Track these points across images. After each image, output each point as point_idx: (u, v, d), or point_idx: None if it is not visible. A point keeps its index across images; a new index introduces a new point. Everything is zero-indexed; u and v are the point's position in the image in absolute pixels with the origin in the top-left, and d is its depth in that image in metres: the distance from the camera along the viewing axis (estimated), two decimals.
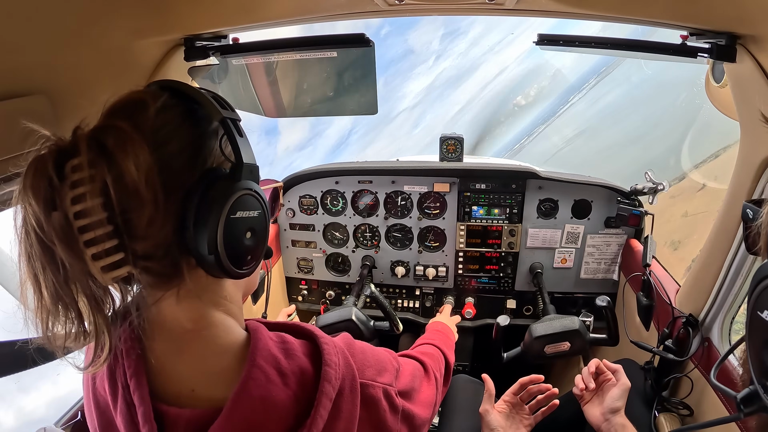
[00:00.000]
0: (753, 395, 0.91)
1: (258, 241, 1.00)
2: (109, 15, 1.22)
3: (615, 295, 3.07)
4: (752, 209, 1.08)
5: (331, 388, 0.96)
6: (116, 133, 0.80)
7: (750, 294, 0.89)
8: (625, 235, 3.00)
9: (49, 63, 1.21)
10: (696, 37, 1.63)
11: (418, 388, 1.35)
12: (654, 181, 2.70)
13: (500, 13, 1.89)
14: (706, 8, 1.45)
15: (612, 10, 1.63)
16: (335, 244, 3.35)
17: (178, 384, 0.95)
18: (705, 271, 2.04)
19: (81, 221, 0.77)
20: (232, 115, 0.96)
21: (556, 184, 2.98)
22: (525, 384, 1.97)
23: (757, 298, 0.86)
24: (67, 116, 0.82)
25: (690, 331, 2.10)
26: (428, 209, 3.18)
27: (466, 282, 3.29)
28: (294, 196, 3.24)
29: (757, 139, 1.70)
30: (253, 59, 2.18)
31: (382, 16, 1.88)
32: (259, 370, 0.92)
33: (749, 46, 1.52)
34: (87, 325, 0.85)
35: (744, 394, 0.93)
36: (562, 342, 2.31)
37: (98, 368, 0.90)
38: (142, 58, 1.60)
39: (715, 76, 1.87)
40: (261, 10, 1.70)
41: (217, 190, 0.90)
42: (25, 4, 0.99)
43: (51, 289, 0.80)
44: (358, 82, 2.34)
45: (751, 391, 0.91)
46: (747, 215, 1.10)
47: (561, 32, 1.86)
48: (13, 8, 0.97)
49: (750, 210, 1.09)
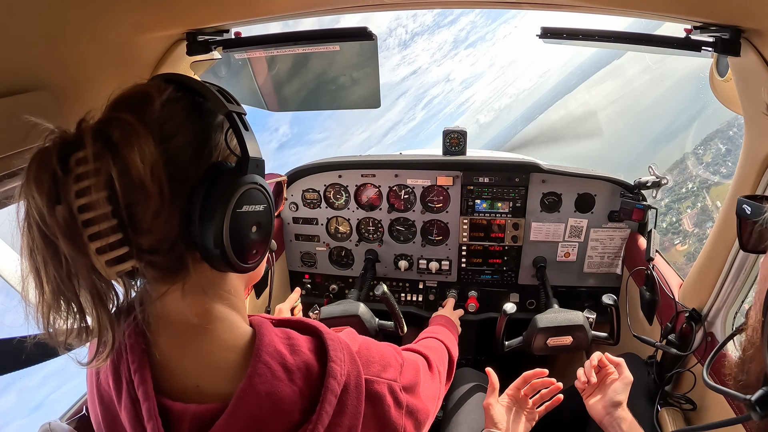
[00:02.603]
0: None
1: (263, 236, 1.00)
2: (112, 9, 1.22)
3: (618, 290, 3.07)
4: (751, 205, 1.02)
5: (336, 384, 0.97)
6: (122, 126, 0.80)
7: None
8: (628, 229, 3.00)
9: (52, 58, 1.21)
10: (700, 30, 1.61)
11: (422, 383, 1.34)
12: (657, 176, 2.69)
13: (502, 6, 1.88)
14: (711, 2, 1.44)
15: (616, 3, 1.62)
16: (338, 238, 3.35)
17: (183, 379, 0.94)
18: (708, 265, 2.04)
19: (85, 215, 0.76)
20: (237, 109, 0.96)
21: (560, 177, 2.98)
22: (529, 378, 1.97)
23: None
24: (71, 112, 0.82)
25: (693, 325, 2.10)
26: (431, 203, 3.18)
27: (470, 276, 3.29)
28: (297, 190, 3.24)
29: (761, 133, 1.69)
30: (255, 53, 2.18)
31: (384, 9, 1.87)
32: (265, 365, 0.92)
33: (753, 40, 1.51)
34: (90, 321, 0.84)
35: (759, 396, 0.85)
36: (565, 336, 2.31)
37: (101, 363, 0.89)
38: (145, 53, 1.60)
39: (719, 70, 1.86)
40: (263, 5, 1.69)
41: (223, 183, 0.89)
42: (27, 0, 0.99)
43: (53, 284, 0.79)
44: (360, 76, 2.34)
45: (765, 392, 0.84)
46: (744, 211, 1.04)
47: (564, 25, 1.86)
48: (15, 4, 0.97)
49: (747, 206, 1.03)
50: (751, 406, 0.86)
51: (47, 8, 1.05)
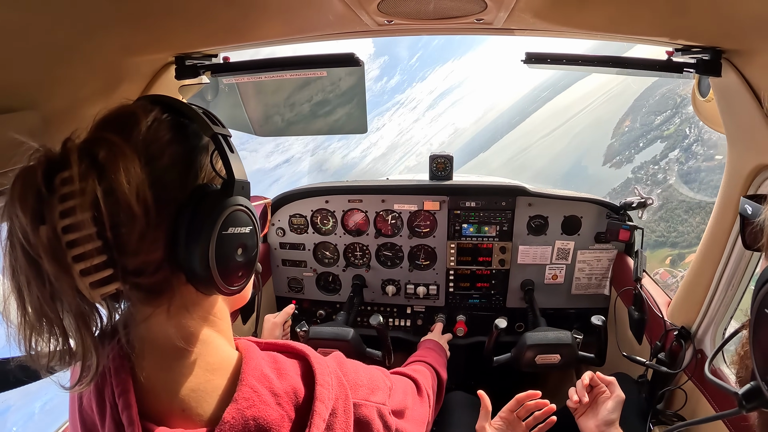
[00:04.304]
0: (755, 390, 0.92)
1: (249, 258, 1.00)
2: (101, 31, 1.22)
3: (606, 310, 3.08)
4: (751, 205, 1.10)
5: (324, 408, 0.95)
6: (108, 146, 0.80)
7: (757, 291, 0.88)
8: (615, 249, 3.02)
9: (40, 78, 1.20)
10: (681, 53, 1.66)
11: (411, 407, 1.34)
12: (643, 196, 2.73)
13: (488, 33, 1.91)
14: (692, 24, 1.48)
15: (599, 28, 1.66)
16: (325, 264, 3.33)
17: (168, 403, 0.92)
18: (696, 283, 2.06)
19: (70, 236, 0.75)
20: (223, 131, 0.96)
21: (546, 200, 3.00)
22: (522, 400, 1.95)
23: (766, 294, 0.86)
24: (58, 132, 0.81)
25: (683, 343, 2.12)
26: (418, 228, 3.18)
27: (458, 300, 3.28)
28: (284, 215, 3.23)
29: (743, 151, 1.73)
30: (243, 78, 2.19)
31: (371, 36, 1.90)
32: (251, 389, 0.90)
33: (734, 60, 1.56)
34: (72, 344, 0.82)
35: (746, 390, 0.94)
36: (553, 354, 2.32)
37: (85, 387, 0.87)
38: (134, 76, 1.60)
39: (701, 90, 1.91)
40: (252, 31, 1.70)
41: (209, 205, 0.89)
42: (17, 20, 0.99)
43: (35, 305, 0.78)
44: (347, 102, 2.36)
45: (753, 387, 0.92)
46: (746, 210, 1.12)
47: (548, 50, 1.89)
48: (5, 24, 0.97)
49: (749, 206, 1.11)
50: (739, 399, 0.94)
51: (36, 28, 1.04)
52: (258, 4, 1.45)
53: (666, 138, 78.13)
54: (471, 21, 1.65)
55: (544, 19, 1.58)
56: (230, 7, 1.39)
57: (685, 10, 1.37)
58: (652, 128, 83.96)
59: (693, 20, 1.44)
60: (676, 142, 74.93)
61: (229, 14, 1.46)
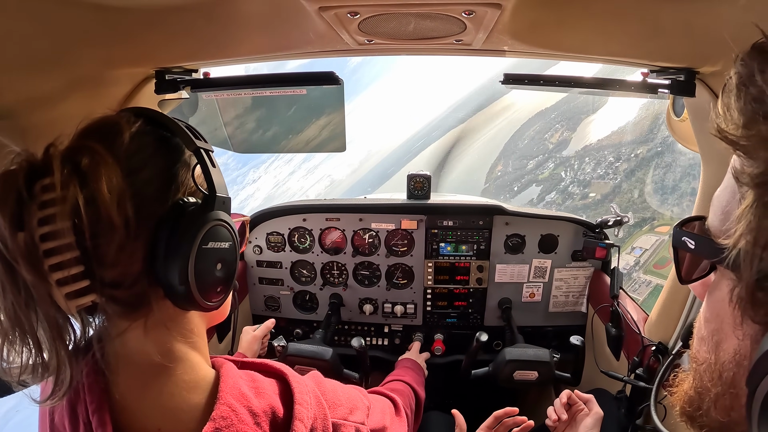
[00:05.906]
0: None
1: (228, 273, 0.99)
2: (82, 43, 1.21)
3: (584, 327, 3.11)
4: (692, 238, 0.76)
5: (303, 427, 0.94)
6: (90, 154, 0.79)
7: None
8: (592, 267, 3.06)
9: (20, 89, 1.19)
10: (656, 74, 1.71)
11: (390, 426, 1.33)
12: (619, 214, 2.78)
13: (467, 53, 1.94)
14: (666, 46, 1.52)
15: (575, 49, 1.70)
16: (303, 282, 3.31)
17: (144, 421, 0.89)
18: (672, 299, 2.09)
19: (48, 243, 0.74)
20: (205, 146, 0.96)
21: (523, 219, 3.03)
22: (500, 417, 1.94)
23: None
24: (36, 141, 0.80)
25: (660, 358, 2.14)
26: (396, 246, 3.18)
27: (435, 319, 3.28)
28: (261, 233, 3.20)
29: (717, 169, 1.77)
30: (223, 95, 2.18)
31: (352, 55, 1.91)
32: (229, 408, 0.88)
33: (707, 80, 1.61)
34: (46, 357, 0.80)
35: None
36: (531, 370, 2.33)
37: (57, 402, 0.85)
38: (113, 89, 1.59)
39: (676, 110, 1.96)
40: (233, 47, 1.71)
41: (189, 219, 0.89)
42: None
43: (10, 312, 0.76)
44: (327, 120, 2.37)
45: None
46: (684, 244, 0.78)
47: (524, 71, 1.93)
48: None
49: (688, 238, 0.78)
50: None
51: (16, 37, 1.03)
52: (239, 21, 1.45)
53: (542, 182, 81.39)
54: (450, 42, 1.68)
55: (523, 41, 1.61)
56: (211, 23, 1.40)
57: (660, 32, 1.41)
58: (526, 172, 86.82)
59: (667, 42, 1.48)
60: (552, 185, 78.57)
61: (209, 30, 1.46)
